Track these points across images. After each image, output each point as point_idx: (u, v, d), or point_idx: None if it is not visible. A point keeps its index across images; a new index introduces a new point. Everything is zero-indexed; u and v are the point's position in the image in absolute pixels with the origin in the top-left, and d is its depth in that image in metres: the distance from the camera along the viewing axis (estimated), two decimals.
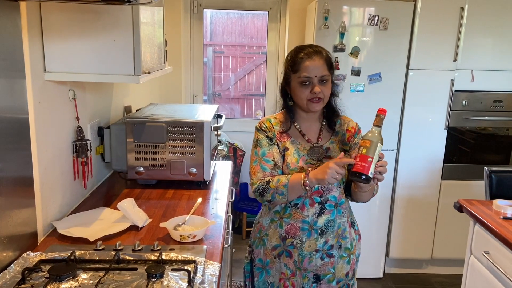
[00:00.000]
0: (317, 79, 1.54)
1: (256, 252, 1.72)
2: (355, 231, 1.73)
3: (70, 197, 1.79)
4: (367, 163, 1.41)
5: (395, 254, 3.29)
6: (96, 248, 1.43)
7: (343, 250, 1.67)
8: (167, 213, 1.81)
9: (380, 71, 2.96)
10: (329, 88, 1.58)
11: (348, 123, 1.70)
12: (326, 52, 1.59)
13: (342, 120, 1.70)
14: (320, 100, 1.57)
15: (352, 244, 1.70)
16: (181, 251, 1.47)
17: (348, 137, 1.67)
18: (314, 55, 1.55)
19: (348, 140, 1.67)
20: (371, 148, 1.42)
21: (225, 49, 4.43)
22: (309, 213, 1.60)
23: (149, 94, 3.15)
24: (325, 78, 1.55)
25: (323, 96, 1.56)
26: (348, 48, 2.91)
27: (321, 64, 1.55)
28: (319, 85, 1.55)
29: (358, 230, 1.76)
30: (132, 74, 1.55)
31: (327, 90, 1.57)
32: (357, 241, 1.74)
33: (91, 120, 2.01)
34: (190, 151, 2.05)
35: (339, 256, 1.67)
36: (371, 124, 1.49)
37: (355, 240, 1.72)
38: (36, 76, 1.48)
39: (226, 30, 4.47)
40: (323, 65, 1.55)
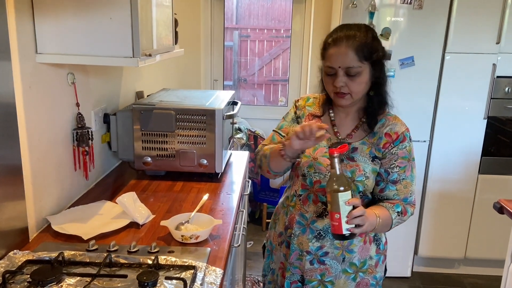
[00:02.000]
0: (343, 71, 1.31)
1: (269, 233, 1.65)
2: (377, 250, 1.48)
3: (70, 189, 1.67)
4: (336, 220, 1.22)
5: (424, 252, 3.08)
6: (89, 248, 1.30)
7: (347, 264, 1.45)
8: (172, 209, 1.67)
9: (413, 54, 2.70)
10: (360, 82, 1.32)
11: (393, 126, 1.39)
12: (363, 36, 1.29)
13: (387, 121, 1.41)
14: (344, 95, 1.34)
15: (365, 263, 1.46)
16: (182, 253, 1.32)
17: (384, 143, 1.38)
18: (342, 41, 1.29)
19: (384, 146, 1.38)
20: (333, 201, 1.22)
21: (251, 33, 4.25)
22: (310, 209, 1.45)
23: (164, 79, 3.00)
24: (352, 70, 1.29)
25: (347, 91, 1.33)
26: (378, 29, 2.66)
27: (348, 53, 1.28)
28: (346, 77, 1.31)
29: (383, 251, 1.50)
30: (131, 56, 1.40)
31: (355, 85, 1.32)
32: (380, 262, 1.49)
33: (96, 107, 1.88)
34: (200, 141, 1.90)
35: (342, 270, 1.45)
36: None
37: (373, 259, 1.48)
38: (26, 58, 1.35)
39: (252, 13, 4.27)
40: (351, 54, 1.28)
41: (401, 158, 1.38)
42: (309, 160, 1.43)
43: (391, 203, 1.39)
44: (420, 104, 2.78)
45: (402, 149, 1.38)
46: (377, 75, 1.35)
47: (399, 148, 1.38)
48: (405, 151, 1.38)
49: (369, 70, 1.32)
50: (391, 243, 1.61)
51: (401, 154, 1.38)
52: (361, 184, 1.38)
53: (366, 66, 1.31)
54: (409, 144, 1.39)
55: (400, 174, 1.38)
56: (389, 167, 1.39)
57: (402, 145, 1.38)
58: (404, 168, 1.38)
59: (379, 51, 1.33)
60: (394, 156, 1.38)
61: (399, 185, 1.39)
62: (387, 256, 1.55)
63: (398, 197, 1.39)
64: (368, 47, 1.30)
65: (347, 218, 1.21)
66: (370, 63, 1.31)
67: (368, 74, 1.33)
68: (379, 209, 1.37)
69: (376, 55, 1.32)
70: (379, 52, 1.32)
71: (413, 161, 1.40)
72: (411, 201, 1.42)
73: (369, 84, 1.36)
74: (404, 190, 1.39)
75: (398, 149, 1.38)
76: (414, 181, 1.41)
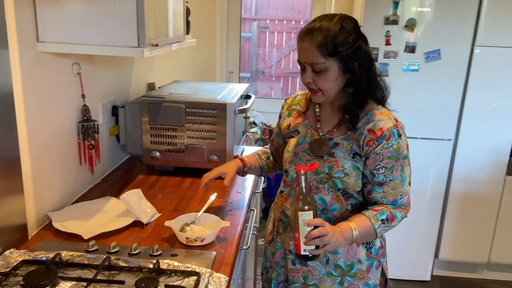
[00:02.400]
0: (310, 67, 1.21)
1: (265, 231, 1.58)
2: (368, 254, 1.35)
3: (74, 184, 1.61)
4: (296, 239, 1.16)
5: (445, 255, 2.94)
6: (88, 249, 1.23)
7: (331, 267, 1.34)
8: (179, 207, 1.59)
9: (440, 47, 2.54)
10: (326, 79, 1.21)
11: (378, 122, 1.25)
12: (329, 30, 1.17)
13: (373, 116, 1.27)
14: (316, 92, 1.25)
15: (352, 266, 1.34)
16: (185, 257, 1.24)
17: (368, 141, 1.24)
18: (306, 35, 1.20)
19: (368, 144, 1.24)
20: (295, 219, 1.16)
21: (270, 24, 4.13)
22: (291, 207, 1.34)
23: (177, 70, 2.92)
24: (316, 67, 1.20)
25: (315, 87, 1.24)
26: (402, 20, 2.52)
27: (310, 49, 1.18)
28: (313, 73, 1.22)
29: (376, 256, 1.36)
30: (136, 46, 1.31)
31: (321, 82, 1.22)
32: (373, 267, 1.36)
33: (104, 98, 1.81)
34: (211, 136, 1.81)
35: (326, 273, 1.35)
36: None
37: (362, 263, 1.34)
38: (26, 46, 1.28)
39: (272, 3, 4.15)
40: (313, 49, 1.18)
41: (387, 158, 1.24)
42: (291, 155, 1.36)
43: (375, 210, 1.27)
44: (446, 101, 2.63)
45: (387, 148, 1.23)
46: (351, 71, 1.21)
47: (384, 147, 1.23)
48: (392, 150, 1.24)
49: (338, 66, 1.20)
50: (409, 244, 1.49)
51: (386, 154, 1.24)
52: (339, 181, 1.27)
53: (333, 62, 1.19)
54: (397, 142, 1.24)
55: (387, 175, 1.25)
56: (374, 168, 1.25)
57: (387, 144, 1.23)
58: (391, 168, 1.25)
59: (350, 45, 1.18)
60: (379, 156, 1.24)
61: (386, 187, 1.26)
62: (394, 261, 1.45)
63: (386, 199, 1.27)
64: (334, 42, 1.17)
65: (305, 239, 1.15)
66: (338, 59, 1.19)
67: (337, 71, 1.21)
68: (358, 220, 1.25)
69: (345, 50, 1.18)
70: (349, 46, 1.18)
71: (403, 159, 1.25)
72: (403, 204, 1.28)
73: (343, 80, 1.23)
74: (392, 192, 1.27)
75: (383, 148, 1.23)
76: (405, 182, 1.27)
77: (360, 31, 1.23)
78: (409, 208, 1.30)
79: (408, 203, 1.30)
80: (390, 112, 1.30)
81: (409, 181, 1.28)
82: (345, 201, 1.30)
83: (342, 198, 1.30)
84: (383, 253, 1.39)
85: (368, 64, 1.23)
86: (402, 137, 1.25)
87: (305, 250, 1.16)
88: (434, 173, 2.77)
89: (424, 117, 2.65)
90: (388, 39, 2.54)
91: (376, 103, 1.31)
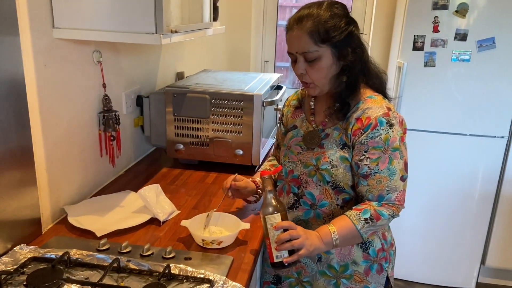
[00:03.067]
0: (302, 56, 1.15)
1: None
2: (365, 255, 1.24)
3: (95, 177, 1.56)
4: (268, 247, 1.10)
5: (493, 262, 2.71)
6: (99, 248, 1.17)
7: (325, 266, 1.26)
8: (200, 204, 1.51)
9: (494, 35, 2.30)
10: (319, 68, 1.14)
11: (367, 110, 1.16)
12: (318, 15, 1.11)
13: (364, 104, 1.18)
14: (308, 84, 1.19)
15: (346, 268, 1.24)
16: (201, 261, 1.15)
17: (355, 130, 1.16)
18: (295, 24, 1.13)
19: (354, 133, 1.16)
20: (264, 225, 1.11)
21: None
22: (284, 201, 1.32)
23: (209, 59, 2.83)
24: (309, 55, 1.13)
25: (308, 80, 1.17)
26: (453, 5, 2.29)
27: (301, 37, 1.12)
28: (306, 63, 1.15)
29: (375, 258, 1.25)
30: (153, 32, 1.22)
31: (315, 72, 1.15)
32: (373, 270, 1.25)
33: (128, 88, 1.75)
34: (237, 129, 1.71)
35: (319, 271, 1.26)
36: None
37: (359, 265, 1.24)
38: (40, 33, 1.22)
39: None
40: (304, 37, 1.12)
41: (373, 148, 1.14)
42: (285, 149, 1.33)
43: (358, 209, 1.15)
44: (499, 94, 2.38)
45: (373, 137, 1.14)
46: (345, 57, 1.15)
47: (368, 137, 1.14)
48: (379, 139, 1.13)
49: (331, 53, 1.13)
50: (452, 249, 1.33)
51: (371, 144, 1.14)
52: (326, 173, 1.20)
53: (326, 49, 1.13)
54: (385, 131, 1.13)
55: (371, 167, 1.14)
56: (359, 159, 1.16)
57: (372, 133, 1.14)
58: (376, 160, 1.14)
59: (342, 30, 1.12)
60: (364, 146, 1.15)
61: (371, 180, 1.15)
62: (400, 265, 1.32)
63: (371, 194, 1.16)
64: (325, 27, 1.11)
65: (275, 244, 1.09)
66: (331, 45, 1.12)
67: (330, 58, 1.14)
68: (339, 223, 1.14)
69: (338, 35, 1.12)
70: (341, 31, 1.12)
71: (393, 151, 1.14)
72: (390, 199, 1.15)
73: (337, 68, 1.17)
74: (377, 186, 1.15)
75: (368, 137, 1.14)
76: (394, 176, 1.14)
77: (350, 16, 1.17)
78: (400, 207, 1.17)
79: (399, 200, 1.16)
80: (385, 100, 1.20)
81: (401, 176, 1.15)
82: (335, 195, 1.22)
83: (331, 193, 1.22)
84: (384, 256, 1.26)
85: (361, 50, 1.17)
86: (395, 127, 1.14)
87: (278, 257, 1.08)
88: (484, 173, 2.53)
89: (475, 112, 2.42)
90: (436, 26, 2.33)
91: (375, 91, 1.22)
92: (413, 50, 2.39)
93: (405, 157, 1.17)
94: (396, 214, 1.16)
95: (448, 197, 2.60)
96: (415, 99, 2.48)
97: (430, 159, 2.56)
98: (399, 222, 2.68)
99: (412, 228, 2.70)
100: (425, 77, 2.43)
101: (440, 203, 2.62)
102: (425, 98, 2.47)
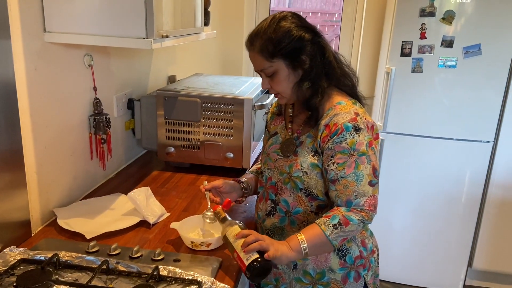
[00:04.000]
0: (262, 73, 1.21)
1: None
2: (342, 262, 1.23)
3: (84, 180, 1.57)
4: (237, 258, 1.12)
5: (480, 265, 2.75)
6: (88, 250, 1.18)
7: (300, 273, 1.25)
8: (190, 207, 1.52)
9: (480, 42, 2.35)
10: (278, 81, 1.18)
11: (335, 117, 1.16)
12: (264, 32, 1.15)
13: (333, 110, 1.18)
14: (277, 95, 1.24)
15: (322, 274, 1.24)
16: (189, 263, 1.17)
17: (323, 136, 1.17)
18: (248, 44, 1.20)
19: (323, 140, 1.17)
20: (227, 243, 1.16)
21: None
22: (263, 207, 1.34)
23: (202, 63, 2.85)
24: (267, 71, 1.18)
25: (275, 92, 1.23)
26: (439, 13, 2.34)
27: (255, 56, 1.18)
28: (268, 78, 1.20)
29: (352, 265, 1.24)
30: (144, 37, 1.24)
31: (276, 85, 1.20)
32: (350, 278, 1.25)
33: (119, 91, 1.76)
34: (227, 132, 1.73)
35: (295, 278, 1.26)
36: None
37: (336, 273, 1.23)
38: (31, 36, 1.23)
39: None
40: (257, 56, 1.17)
41: (339, 153, 1.14)
42: (265, 156, 1.35)
43: (327, 216, 1.14)
44: (485, 100, 2.43)
45: (338, 142, 1.14)
46: (301, 65, 1.17)
47: (335, 142, 1.15)
48: (345, 144, 1.14)
49: (285, 64, 1.17)
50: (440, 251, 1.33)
51: (338, 149, 1.14)
52: (298, 180, 1.22)
53: (278, 62, 1.16)
54: (352, 136, 1.14)
55: (338, 172, 1.15)
56: (326, 164, 1.17)
57: (339, 138, 1.14)
58: (343, 164, 1.14)
59: (289, 40, 1.14)
60: (331, 151, 1.15)
61: (338, 185, 1.15)
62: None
63: (339, 199, 1.16)
64: (272, 42, 1.14)
65: (242, 248, 1.11)
66: (282, 57, 1.16)
67: (286, 69, 1.17)
68: (309, 231, 1.14)
69: (285, 46, 1.14)
70: (289, 42, 1.14)
71: (360, 156, 1.14)
72: (358, 205, 1.14)
73: (296, 77, 1.19)
74: (344, 191, 1.14)
75: (334, 143, 1.15)
76: (361, 181, 1.13)
77: (301, 23, 1.18)
78: (370, 212, 1.14)
79: (368, 205, 1.14)
80: (354, 105, 1.20)
81: (369, 181, 1.14)
82: (308, 202, 1.23)
83: (305, 200, 1.23)
84: (362, 263, 1.26)
85: (319, 54, 1.18)
86: (362, 131, 1.14)
87: (248, 259, 1.09)
88: (470, 177, 2.58)
89: (461, 117, 2.47)
90: (424, 32, 2.37)
91: (347, 93, 1.24)
92: (401, 56, 2.44)
93: (374, 162, 1.16)
94: (366, 220, 1.15)
95: (435, 200, 2.64)
96: (403, 104, 2.52)
97: (417, 163, 2.60)
98: (387, 225, 2.72)
99: (400, 230, 2.73)
100: (412, 83, 2.47)
101: (428, 206, 2.65)
102: (413, 103, 2.51)
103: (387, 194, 2.62)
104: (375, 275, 1.33)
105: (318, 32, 1.20)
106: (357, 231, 1.17)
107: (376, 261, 1.33)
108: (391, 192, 2.66)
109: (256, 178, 1.45)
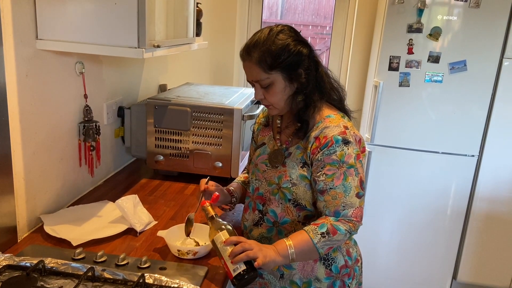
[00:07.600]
0: (257, 84, 1.21)
1: None
2: (328, 272, 1.25)
3: (72, 186, 1.57)
4: (224, 266, 1.12)
5: (464, 277, 2.78)
6: (74, 257, 1.18)
7: (287, 282, 1.27)
8: (178, 215, 1.53)
9: (466, 58, 2.41)
10: (274, 93, 1.20)
11: (325, 130, 1.19)
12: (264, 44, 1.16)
13: (323, 123, 1.21)
14: (269, 105, 1.25)
15: (309, 284, 1.25)
16: (176, 271, 1.18)
17: (313, 149, 1.19)
18: (244, 54, 1.20)
19: (313, 152, 1.20)
20: (216, 248, 1.15)
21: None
22: (249, 218, 1.35)
23: (193, 73, 2.87)
24: (262, 83, 1.19)
25: (268, 103, 1.24)
26: (427, 29, 2.40)
27: (251, 67, 1.19)
28: (263, 89, 1.21)
29: (337, 274, 1.26)
30: (135, 46, 1.26)
31: (270, 96, 1.21)
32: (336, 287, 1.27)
33: (109, 99, 1.77)
34: (216, 142, 1.74)
35: (281, 287, 1.28)
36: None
37: (321, 282, 1.25)
38: (23, 43, 1.24)
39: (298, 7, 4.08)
40: (254, 67, 1.18)
41: (329, 164, 1.17)
42: (252, 166, 1.36)
43: (316, 224, 1.17)
44: (470, 114, 2.48)
45: (328, 154, 1.17)
46: (297, 78, 1.20)
47: (325, 154, 1.17)
48: (335, 156, 1.17)
49: (282, 77, 1.19)
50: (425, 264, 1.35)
51: (327, 160, 1.17)
52: (287, 191, 1.24)
53: (276, 74, 1.18)
54: (341, 149, 1.17)
55: (327, 183, 1.17)
56: (316, 175, 1.20)
57: (328, 150, 1.17)
58: (331, 176, 1.17)
59: (289, 54, 1.17)
60: (321, 162, 1.18)
61: (327, 196, 1.18)
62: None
63: (328, 210, 1.18)
64: (272, 55, 1.16)
65: (229, 258, 1.11)
66: (280, 70, 1.17)
67: (282, 82, 1.19)
68: (296, 237, 1.16)
69: (285, 60, 1.17)
70: (288, 55, 1.17)
71: (348, 168, 1.17)
72: (346, 215, 1.17)
73: (292, 89, 1.22)
74: (333, 202, 1.17)
75: (324, 154, 1.17)
76: (349, 193, 1.17)
77: (298, 38, 1.21)
78: (357, 223, 1.17)
79: (355, 216, 1.17)
80: (343, 119, 1.23)
81: (356, 192, 1.17)
82: (296, 212, 1.25)
83: (293, 210, 1.25)
84: (347, 272, 1.28)
85: (314, 68, 1.22)
86: (351, 145, 1.18)
87: (235, 270, 1.10)
88: (455, 190, 2.62)
89: (447, 131, 2.52)
90: (411, 48, 2.43)
91: (334, 107, 1.27)
92: (389, 70, 2.49)
93: (361, 174, 1.19)
94: (353, 231, 1.18)
95: (420, 213, 2.67)
96: (391, 117, 2.56)
97: (403, 176, 2.63)
98: (373, 236, 2.75)
99: (386, 242, 2.76)
100: (400, 96, 2.52)
101: (413, 218, 2.69)
102: (400, 117, 2.55)
103: (373, 205, 2.65)
104: (359, 283, 1.35)
105: (312, 47, 1.23)
106: (343, 241, 1.20)
107: (360, 269, 1.35)
108: (377, 203, 2.69)
109: (243, 188, 1.47)
